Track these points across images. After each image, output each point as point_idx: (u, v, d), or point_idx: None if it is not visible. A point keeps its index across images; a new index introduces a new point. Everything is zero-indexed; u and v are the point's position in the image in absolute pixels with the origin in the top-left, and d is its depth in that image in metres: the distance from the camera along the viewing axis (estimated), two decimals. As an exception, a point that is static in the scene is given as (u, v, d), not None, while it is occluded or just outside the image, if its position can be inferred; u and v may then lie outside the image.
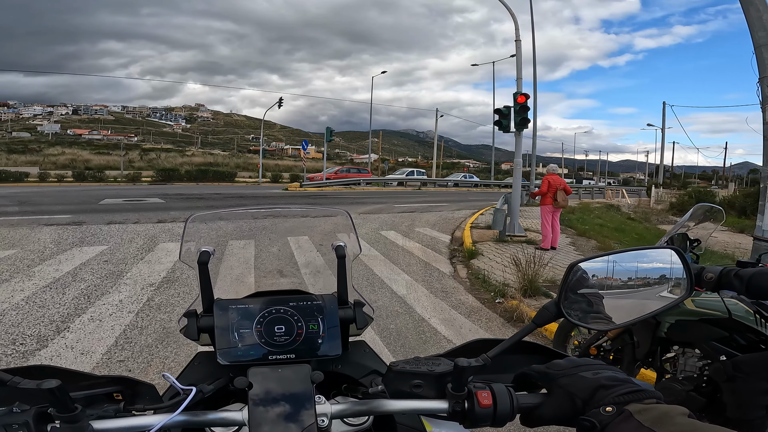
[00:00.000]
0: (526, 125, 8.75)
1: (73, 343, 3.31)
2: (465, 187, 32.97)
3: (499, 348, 0.63)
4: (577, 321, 0.67)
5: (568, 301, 0.66)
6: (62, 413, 0.50)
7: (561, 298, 0.65)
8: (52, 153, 52.85)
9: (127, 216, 10.25)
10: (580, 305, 0.68)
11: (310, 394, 0.57)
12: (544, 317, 0.65)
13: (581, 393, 0.54)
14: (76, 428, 0.50)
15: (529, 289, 4.90)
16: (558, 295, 0.66)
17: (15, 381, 0.51)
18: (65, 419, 0.50)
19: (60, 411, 0.50)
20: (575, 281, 0.68)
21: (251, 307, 0.72)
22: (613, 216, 14.82)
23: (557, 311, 0.65)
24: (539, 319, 0.65)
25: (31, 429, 0.49)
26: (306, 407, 0.56)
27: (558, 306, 0.65)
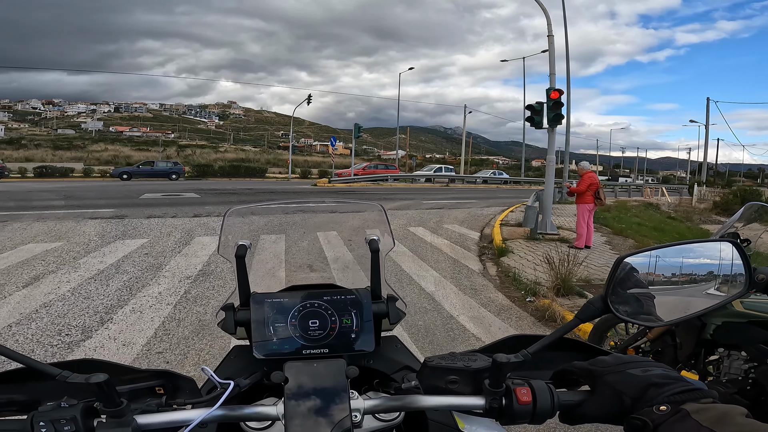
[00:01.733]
0: (560, 121, 8.52)
1: (115, 335, 3.47)
2: (494, 184, 32.42)
3: (540, 344, 0.62)
4: (625, 317, 0.64)
5: (616, 296, 0.64)
6: (108, 408, 0.51)
7: (608, 293, 0.63)
8: (96, 149, 55.52)
9: (166, 210, 10.67)
10: (627, 301, 0.65)
11: (344, 389, 0.58)
12: (588, 312, 0.63)
13: (630, 391, 0.52)
14: (121, 422, 0.51)
15: (562, 288, 4.78)
16: (605, 289, 0.63)
17: (64, 375, 0.52)
18: (111, 414, 0.51)
19: (106, 405, 0.51)
20: (622, 276, 0.65)
21: (287, 301, 0.73)
22: (651, 215, 14.23)
23: (604, 307, 0.62)
24: (584, 315, 0.63)
25: (79, 424, 0.50)
26: (340, 402, 0.56)
27: (605, 301, 0.62)
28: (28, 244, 6.44)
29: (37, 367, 0.53)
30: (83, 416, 0.50)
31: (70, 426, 0.49)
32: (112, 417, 0.51)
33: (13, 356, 0.53)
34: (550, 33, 9.33)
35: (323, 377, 0.59)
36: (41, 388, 0.59)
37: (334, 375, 0.59)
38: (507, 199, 18.13)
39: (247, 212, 0.94)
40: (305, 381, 0.58)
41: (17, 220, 8.62)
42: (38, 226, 8.04)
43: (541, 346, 0.61)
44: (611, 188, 27.99)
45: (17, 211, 10.02)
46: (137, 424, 0.51)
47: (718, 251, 0.73)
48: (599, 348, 0.71)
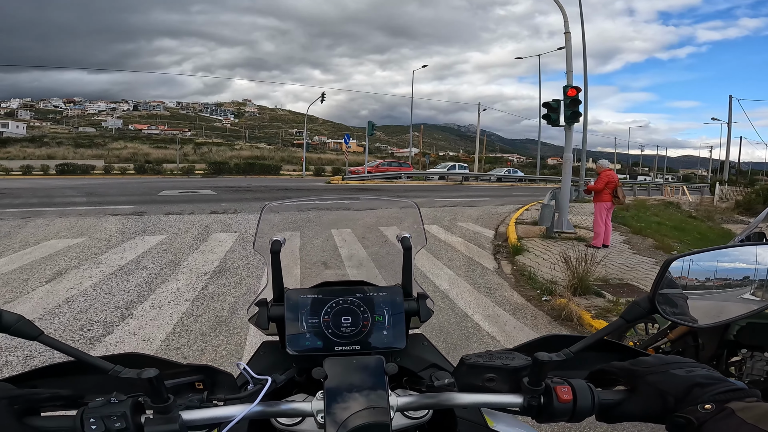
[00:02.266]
0: (577, 119, 8.43)
1: (135, 330, 3.54)
2: (509, 182, 32.10)
3: (583, 343, 0.61)
4: (672, 318, 0.65)
5: (662, 297, 0.64)
6: (156, 403, 0.52)
7: (655, 294, 0.63)
8: (116, 147, 56.78)
9: (183, 207, 10.85)
10: (672, 302, 0.65)
11: (383, 386, 0.58)
12: (635, 313, 0.62)
13: (674, 390, 0.53)
14: (168, 419, 0.52)
15: (579, 288, 4.72)
16: (651, 290, 0.63)
17: (117, 370, 0.53)
18: (158, 410, 0.52)
19: (154, 401, 0.52)
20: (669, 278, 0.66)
21: (320, 297, 0.73)
22: (672, 214, 13.91)
23: (651, 307, 0.62)
24: (629, 315, 0.63)
25: (129, 420, 0.50)
26: (379, 398, 0.56)
27: (652, 302, 0.62)
28: (50, 240, 6.62)
29: (89, 361, 0.54)
30: (132, 412, 0.51)
31: (120, 423, 0.50)
32: (159, 413, 0.52)
33: (66, 350, 0.54)
34: (567, 30, 9.23)
35: (362, 373, 0.59)
36: (87, 382, 0.60)
37: (373, 371, 0.59)
38: (522, 197, 17.93)
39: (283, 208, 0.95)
40: (345, 377, 0.59)
41: (40, 216, 8.87)
42: (60, 222, 8.26)
43: (584, 346, 0.61)
44: (630, 187, 27.44)
45: (40, 207, 10.31)
46: (183, 420, 0.52)
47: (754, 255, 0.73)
48: (634, 348, 0.71)
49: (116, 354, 0.61)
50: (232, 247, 6.43)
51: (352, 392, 0.57)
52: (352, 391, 0.57)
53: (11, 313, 0.54)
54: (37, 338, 0.54)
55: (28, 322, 0.55)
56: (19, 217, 8.68)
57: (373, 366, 0.60)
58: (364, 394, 0.57)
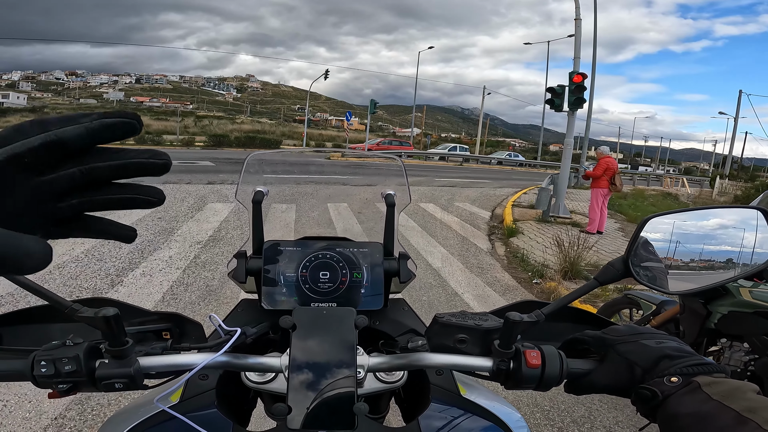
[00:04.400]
0: (581, 105, 8.37)
1: (125, 297, 3.52)
2: (509, 166, 31.95)
3: (555, 305, 0.60)
4: (645, 282, 0.62)
5: (637, 258, 0.61)
6: (113, 347, 0.49)
7: (630, 254, 0.60)
8: (115, 117, 56.04)
9: (181, 177, 10.80)
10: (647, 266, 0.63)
11: (352, 339, 0.56)
12: (608, 274, 0.60)
13: (642, 362, 0.52)
14: (123, 363, 0.49)
15: (570, 272, 4.75)
16: (626, 251, 0.61)
17: (74, 308, 0.50)
18: (114, 354, 0.49)
19: (111, 344, 0.49)
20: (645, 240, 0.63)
21: (299, 250, 0.71)
22: (669, 204, 13.93)
23: (624, 269, 0.60)
24: (603, 277, 0.60)
25: (81, 363, 0.48)
26: (346, 353, 0.54)
27: (626, 263, 0.60)
28: (46, 204, 6.60)
29: (50, 297, 0.52)
30: (86, 356, 0.48)
31: (71, 365, 0.47)
32: (115, 357, 0.49)
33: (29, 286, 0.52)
34: (578, 16, 9.11)
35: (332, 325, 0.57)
36: (52, 329, 0.59)
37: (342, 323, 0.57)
38: (521, 181, 17.89)
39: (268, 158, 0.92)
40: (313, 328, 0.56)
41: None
42: (56, 187, 8.23)
43: (556, 307, 0.59)
44: (629, 176, 27.35)
45: (37, 172, 10.25)
46: (139, 365, 0.50)
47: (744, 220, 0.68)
48: (610, 321, 0.69)
49: (83, 298, 0.59)
50: (227, 217, 6.43)
51: (321, 344, 0.55)
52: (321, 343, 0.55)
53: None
54: None
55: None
56: (14, 180, 8.65)
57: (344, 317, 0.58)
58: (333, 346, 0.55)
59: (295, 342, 0.55)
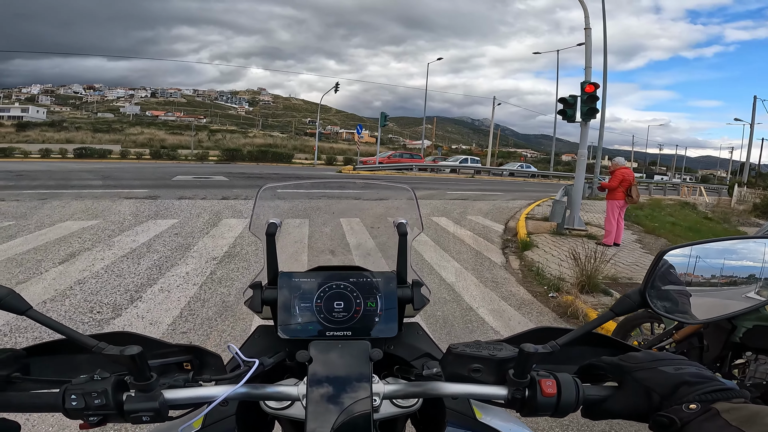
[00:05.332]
0: (594, 115, 8.30)
1: (144, 313, 3.60)
2: (521, 177, 31.75)
3: (570, 336, 0.60)
4: (662, 312, 0.62)
5: (654, 291, 0.62)
6: (139, 381, 0.52)
7: (646, 287, 0.61)
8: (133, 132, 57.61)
9: (196, 192, 10.98)
10: (665, 297, 0.63)
11: (367, 372, 0.58)
12: (624, 306, 0.61)
13: (660, 388, 0.51)
14: (149, 397, 0.52)
15: (587, 285, 4.67)
16: (643, 283, 0.61)
17: (100, 347, 0.54)
18: (140, 388, 0.52)
19: (137, 379, 0.52)
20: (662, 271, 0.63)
21: (313, 281, 0.73)
22: (687, 214, 13.65)
23: (641, 301, 0.60)
24: (619, 308, 0.61)
25: (109, 397, 0.51)
26: (362, 384, 0.56)
27: (642, 295, 0.60)
28: (65, 222, 6.76)
29: (75, 338, 0.55)
30: (114, 389, 0.51)
31: (100, 399, 0.50)
32: (141, 391, 0.52)
33: (53, 326, 0.54)
34: (588, 26, 9.07)
35: (347, 358, 0.59)
36: (78, 360, 0.61)
37: (357, 357, 0.59)
38: (534, 192, 17.75)
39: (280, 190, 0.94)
40: (329, 361, 0.58)
41: (56, 198, 9.06)
42: (76, 204, 8.42)
43: (571, 339, 0.60)
44: (645, 185, 26.95)
45: (57, 189, 10.52)
46: (164, 398, 0.53)
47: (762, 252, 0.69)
48: (628, 344, 0.69)
49: (104, 332, 0.62)
50: (242, 233, 6.50)
51: (337, 376, 0.57)
52: (337, 376, 0.57)
53: (1, 286, 0.55)
54: (25, 312, 0.54)
55: (18, 296, 0.55)
56: (36, 198, 8.88)
57: (359, 351, 0.60)
58: (348, 378, 0.57)
59: (312, 374, 0.57)
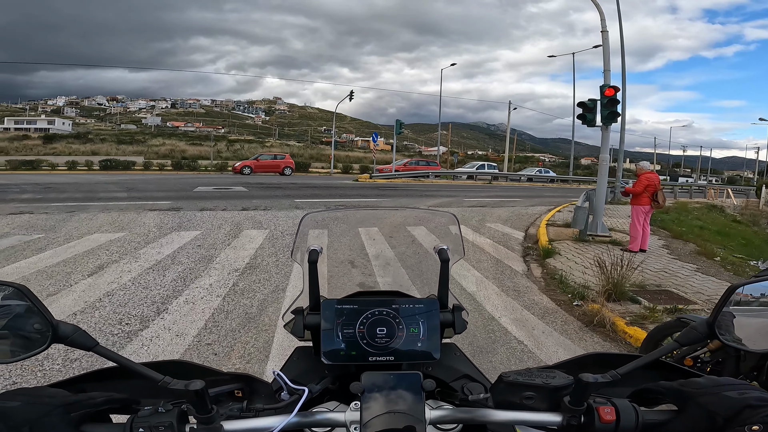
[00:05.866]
0: (615, 119, 8.16)
1: (170, 325, 3.65)
2: (540, 182, 31.34)
3: (632, 365, 0.60)
4: (732, 343, 0.63)
5: (723, 322, 0.62)
6: (201, 413, 0.53)
7: (715, 319, 0.61)
8: (155, 144, 59.13)
9: (217, 203, 11.18)
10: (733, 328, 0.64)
11: (421, 403, 0.58)
12: (691, 337, 0.62)
13: (724, 412, 0.53)
14: (211, 429, 0.54)
15: (613, 293, 4.55)
16: (712, 315, 0.61)
17: (166, 381, 0.56)
18: (202, 420, 0.54)
19: (199, 411, 0.53)
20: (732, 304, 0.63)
21: (356, 308, 0.74)
22: (715, 218, 13.23)
23: (709, 332, 0.61)
24: (685, 339, 0.62)
25: (174, 429, 0.52)
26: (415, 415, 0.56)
27: (711, 327, 0.61)
28: (93, 234, 6.96)
29: (141, 372, 0.57)
30: (178, 422, 0.53)
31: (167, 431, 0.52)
32: (203, 423, 0.54)
33: (120, 361, 0.56)
34: (604, 29, 8.95)
35: (400, 389, 0.60)
36: (137, 386, 0.63)
37: (410, 388, 0.60)
38: (554, 198, 17.48)
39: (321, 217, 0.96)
40: (382, 392, 0.59)
41: (84, 210, 9.35)
42: (103, 216, 8.67)
43: (634, 368, 0.60)
44: (670, 188, 26.27)
45: (84, 202, 10.86)
46: (225, 430, 0.54)
47: None
48: (681, 367, 0.69)
49: (162, 360, 0.64)
50: (262, 244, 6.57)
51: (390, 407, 0.57)
52: (389, 407, 0.57)
53: (68, 324, 0.57)
54: (93, 349, 0.56)
55: (84, 333, 0.57)
56: (64, 211, 9.18)
57: (411, 382, 0.61)
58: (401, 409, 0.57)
59: (366, 405, 0.57)
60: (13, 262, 5.24)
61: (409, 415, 0.56)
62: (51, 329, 0.56)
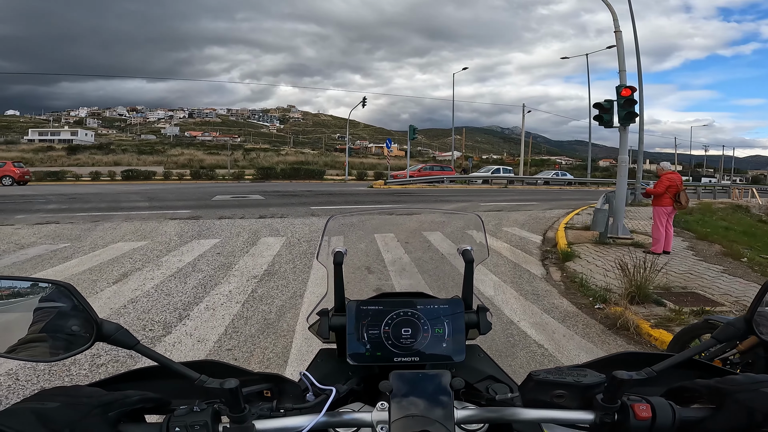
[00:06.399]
0: (633, 120, 8.03)
1: (191, 331, 3.71)
2: (557, 185, 30.90)
3: (669, 362, 0.60)
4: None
5: (761, 318, 0.61)
6: (234, 413, 0.54)
7: (753, 314, 0.60)
8: (174, 153, 60.54)
9: (234, 211, 11.36)
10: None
11: (449, 402, 0.58)
12: (728, 333, 0.61)
13: (764, 408, 0.53)
14: (243, 428, 0.54)
15: (637, 296, 4.45)
16: (749, 311, 0.61)
17: (202, 380, 0.57)
18: (235, 419, 0.55)
19: (232, 410, 0.54)
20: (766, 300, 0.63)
21: (381, 309, 0.74)
22: (741, 218, 12.84)
23: (747, 328, 0.60)
24: (722, 336, 0.61)
25: (209, 428, 0.53)
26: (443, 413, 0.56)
27: (749, 323, 0.60)
28: (117, 243, 7.14)
29: (178, 370, 0.58)
30: (212, 421, 0.54)
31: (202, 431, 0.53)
32: (236, 422, 0.55)
33: (159, 360, 0.58)
34: (617, 29, 8.84)
35: (428, 388, 0.60)
36: (170, 386, 0.65)
37: (439, 386, 0.60)
38: (571, 201, 17.21)
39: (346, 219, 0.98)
40: (411, 391, 0.59)
41: (108, 220, 9.61)
42: (126, 225, 8.90)
43: (669, 365, 0.59)
44: (693, 189, 25.60)
45: (108, 211, 11.18)
46: (256, 429, 0.55)
47: None
48: (715, 366, 0.68)
49: (196, 360, 0.65)
50: (280, 251, 6.64)
51: (418, 407, 0.57)
52: (418, 406, 0.57)
53: (111, 322, 0.59)
54: (134, 347, 0.58)
55: (126, 331, 0.59)
56: (89, 220, 9.45)
57: (440, 381, 0.61)
58: (429, 408, 0.57)
59: (395, 404, 0.57)
60: (41, 270, 5.42)
61: (437, 414, 0.56)
62: (95, 327, 0.57)
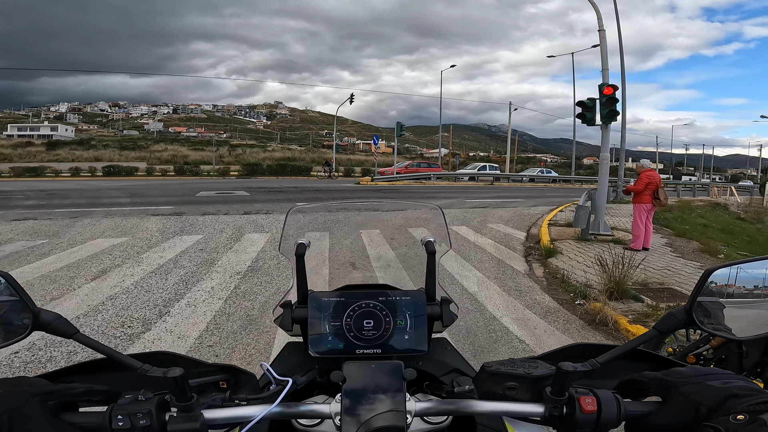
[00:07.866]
0: (614, 118, 8.17)
1: (172, 327, 3.67)
2: (542, 183, 31.29)
3: (611, 354, 0.60)
4: (710, 330, 0.62)
5: (700, 308, 0.61)
6: (180, 402, 0.54)
7: (693, 305, 0.60)
8: (157, 149, 59.40)
9: (219, 207, 11.22)
10: (711, 314, 0.63)
11: (401, 392, 0.58)
12: (670, 324, 0.61)
13: (708, 401, 0.52)
14: (190, 417, 0.54)
15: (615, 292, 4.54)
16: (689, 302, 0.61)
17: (144, 368, 0.56)
18: (182, 408, 0.54)
19: (179, 399, 0.54)
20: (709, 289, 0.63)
21: (343, 300, 0.74)
22: (719, 216, 13.17)
23: (687, 319, 0.60)
24: (664, 326, 0.61)
25: (153, 418, 0.52)
26: (396, 404, 0.56)
27: (689, 313, 0.60)
28: (97, 239, 6.99)
29: (120, 359, 0.57)
30: (157, 410, 0.53)
31: (145, 420, 0.52)
32: (182, 411, 0.54)
33: (100, 348, 0.57)
34: (601, 27, 9.00)
35: (381, 378, 0.60)
36: (121, 378, 0.63)
37: (391, 376, 0.60)
38: (556, 198, 17.45)
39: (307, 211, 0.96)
40: (363, 381, 0.59)
41: (88, 216, 9.40)
42: (106, 222, 8.72)
43: (613, 357, 0.60)
44: (673, 187, 26.18)
45: (87, 207, 10.93)
46: (204, 418, 0.54)
47: None
48: (666, 358, 0.68)
49: (146, 352, 0.64)
50: (264, 247, 6.59)
51: (370, 396, 0.57)
52: (370, 395, 0.57)
53: (49, 311, 0.57)
54: (73, 336, 0.56)
55: (65, 320, 0.57)
56: (67, 216, 9.23)
57: (392, 371, 0.61)
58: (381, 398, 0.57)
59: (346, 394, 0.58)
60: (17, 267, 5.27)
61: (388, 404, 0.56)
62: (32, 317, 0.55)
